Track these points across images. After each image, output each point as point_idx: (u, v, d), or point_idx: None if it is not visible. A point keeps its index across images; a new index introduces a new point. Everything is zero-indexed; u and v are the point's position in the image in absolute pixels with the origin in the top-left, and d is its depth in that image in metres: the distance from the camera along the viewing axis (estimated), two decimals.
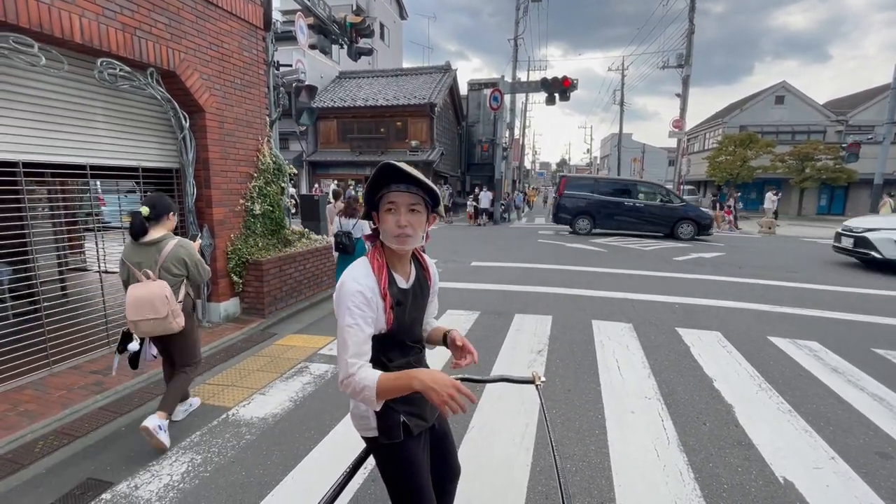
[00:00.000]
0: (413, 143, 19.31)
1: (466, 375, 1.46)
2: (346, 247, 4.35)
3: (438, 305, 1.58)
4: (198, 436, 2.79)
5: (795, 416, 3.03)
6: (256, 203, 5.21)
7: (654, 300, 6.03)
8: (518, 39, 20.56)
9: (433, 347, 1.52)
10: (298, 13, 6.97)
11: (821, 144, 23.21)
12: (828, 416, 3.05)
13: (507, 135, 22.79)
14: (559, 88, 14.07)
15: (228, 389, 3.43)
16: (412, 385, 1.13)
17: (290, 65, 7.66)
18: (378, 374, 1.17)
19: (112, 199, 6.94)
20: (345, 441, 2.72)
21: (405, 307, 1.30)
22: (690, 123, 32.31)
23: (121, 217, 4.37)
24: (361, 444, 1.41)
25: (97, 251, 4.10)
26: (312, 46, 7.70)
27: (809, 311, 5.58)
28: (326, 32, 7.53)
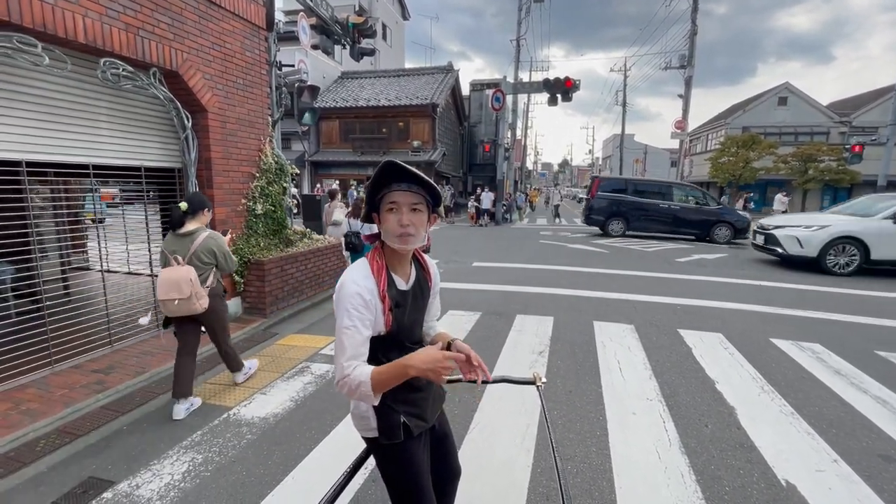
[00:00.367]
0: (415, 144, 19.32)
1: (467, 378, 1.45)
2: (356, 246, 4.56)
3: (440, 306, 1.57)
4: (199, 435, 2.80)
5: (798, 419, 3.01)
6: (258, 203, 5.21)
7: (656, 301, 6.01)
8: (520, 40, 20.56)
9: None
10: (301, 13, 6.98)
11: (824, 146, 23.13)
12: (830, 419, 3.03)
13: (509, 135, 22.79)
14: (561, 89, 14.07)
15: (229, 389, 3.43)
16: (407, 373, 1.14)
17: (293, 65, 7.68)
18: (370, 369, 1.17)
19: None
20: (345, 441, 2.72)
21: (405, 309, 1.30)
22: (693, 124, 32.24)
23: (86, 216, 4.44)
24: (362, 445, 1.41)
25: (100, 250, 4.11)
26: (315, 47, 7.71)
27: (812, 313, 5.56)
28: (329, 33, 7.54)
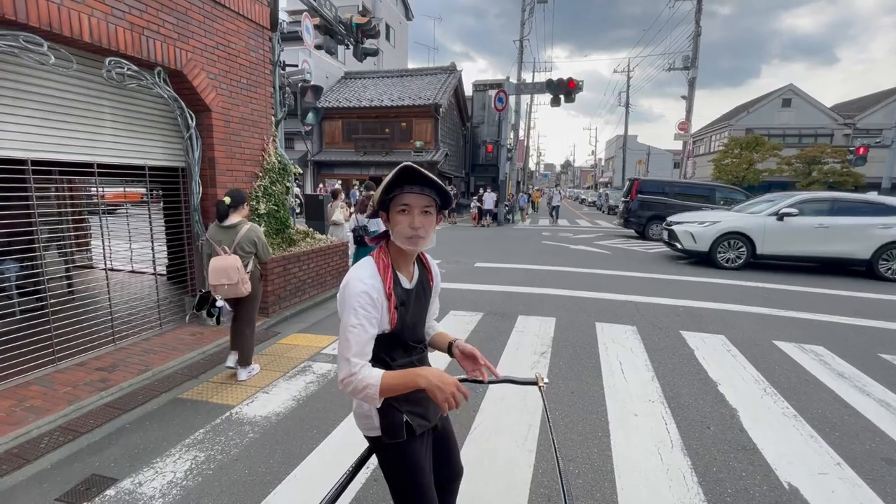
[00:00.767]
0: (417, 144, 19.34)
1: (470, 376, 1.45)
2: (363, 239, 4.70)
3: (442, 306, 1.58)
4: (201, 433, 2.81)
5: (801, 421, 3.00)
6: (261, 202, 5.22)
7: (659, 303, 6.00)
8: (523, 41, 20.55)
9: (433, 351, 1.53)
10: (305, 13, 7.00)
11: (828, 148, 23.05)
12: (834, 422, 3.02)
13: (512, 136, 22.79)
14: (564, 90, 14.06)
15: (232, 388, 3.44)
16: (418, 383, 1.15)
17: (296, 65, 7.69)
18: (381, 373, 1.17)
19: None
20: (347, 440, 2.73)
21: (408, 307, 1.30)
22: (696, 126, 32.16)
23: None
24: (364, 444, 1.41)
25: (104, 249, 4.13)
26: (318, 47, 7.73)
27: (815, 316, 5.54)
28: (332, 33, 7.56)
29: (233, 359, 3.64)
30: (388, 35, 29.07)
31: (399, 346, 1.31)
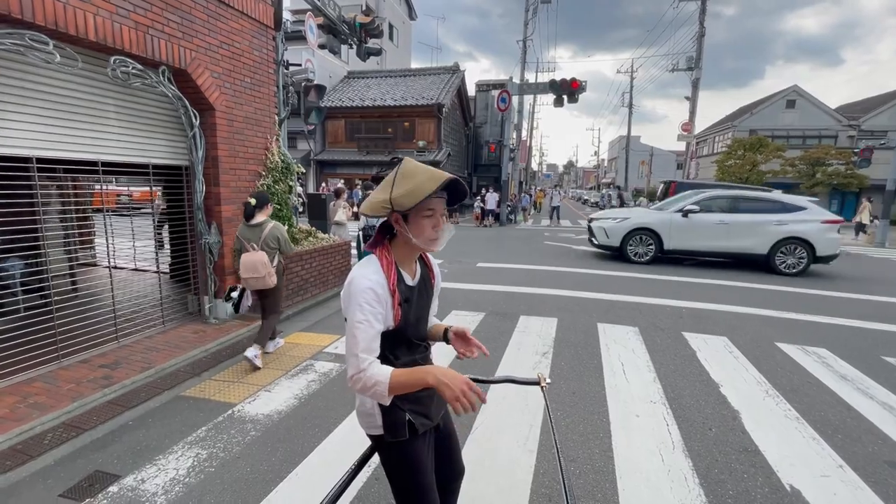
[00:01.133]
0: (420, 144, 19.34)
1: (472, 375, 1.45)
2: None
3: (443, 306, 1.59)
4: (203, 431, 2.82)
5: (803, 424, 3.00)
6: None
7: (661, 304, 5.99)
8: (527, 41, 20.54)
9: (433, 344, 1.53)
10: (308, 13, 7.02)
11: (832, 149, 22.97)
12: (836, 424, 3.01)
13: (515, 136, 22.77)
14: (567, 90, 14.03)
15: (234, 386, 3.46)
16: (426, 380, 1.14)
17: (300, 64, 7.71)
18: (390, 370, 1.18)
19: None
20: (349, 439, 2.73)
21: (412, 304, 1.31)
22: (700, 127, 32.08)
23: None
24: (366, 442, 1.41)
25: (107, 246, 4.15)
26: (322, 46, 7.74)
27: (818, 318, 5.52)
28: (336, 32, 7.57)
29: (253, 349, 3.80)
30: (392, 35, 29.08)
31: (403, 344, 1.32)
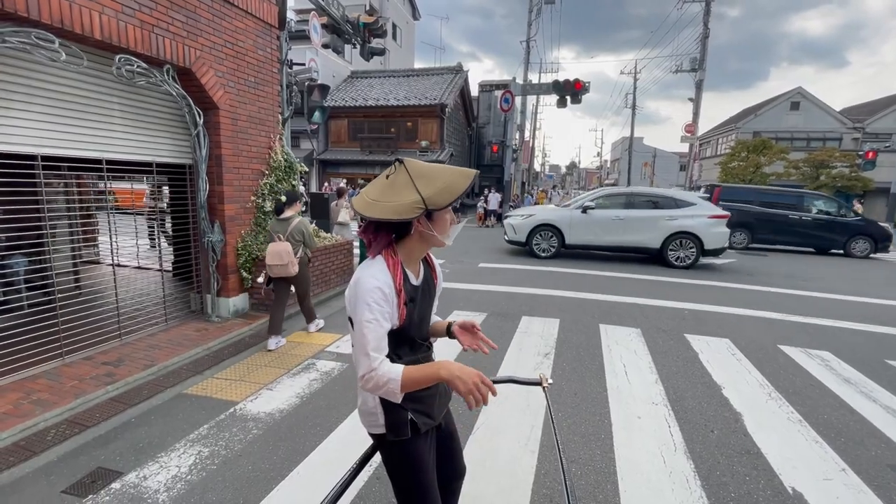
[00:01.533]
0: (423, 144, 19.35)
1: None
2: None
3: (445, 306, 1.60)
4: (205, 429, 2.83)
5: (806, 427, 2.99)
6: (267, 200, 5.25)
7: (663, 305, 5.98)
8: (530, 41, 20.53)
9: (436, 340, 1.54)
10: (312, 13, 7.03)
11: (836, 152, 22.85)
12: (839, 428, 3.00)
13: (517, 137, 22.76)
14: (571, 91, 14.01)
15: (236, 384, 3.47)
16: (439, 374, 1.16)
17: (304, 63, 7.72)
18: (402, 367, 1.18)
19: None
20: (350, 438, 2.74)
21: (416, 303, 1.32)
22: (703, 128, 32.03)
23: None
24: (367, 441, 1.41)
25: (111, 244, 4.17)
26: (325, 46, 7.76)
27: (822, 321, 5.50)
28: (340, 32, 7.59)
29: (314, 325, 4.68)
30: (395, 35, 29.09)
31: (406, 343, 1.32)
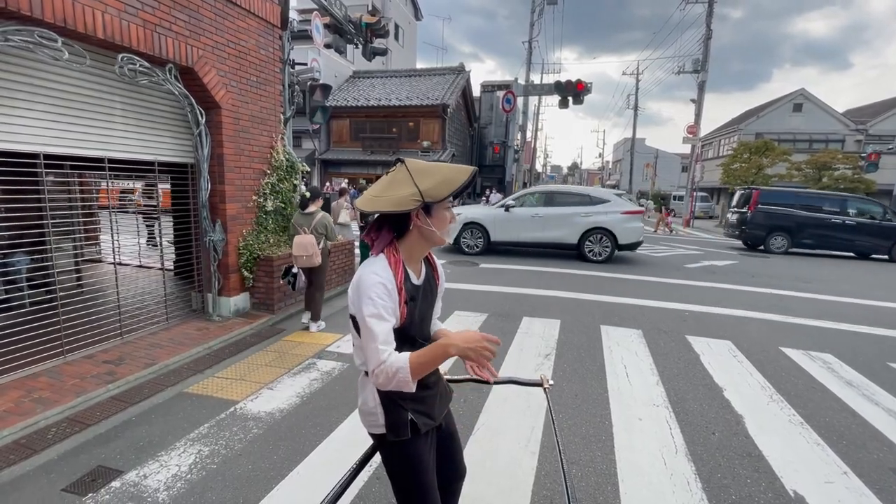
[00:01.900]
0: (425, 144, 19.35)
1: (475, 376, 1.45)
2: None
3: (446, 307, 1.60)
4: (206, 428, 2.83)
5: (807, 429, 2.97)
6: (269, 200, 5.26)
7: (664, 307, 5.97)
8: (532, 42, 20.53)
9: None
10: (315, 12, 7.03)
11: (839, 153, 22.78)
12: (841, 430, 2.99)
13: (519, 137, 22.76)
14: (573, 92, 14.01)
15: (237, 383, 3.47)
16: (448, 352, 1.19)
17: (306, 63, 7.73)
18: (408, 354, 1.18)
19: None
20: (351, 438, 2.73)
21: (417, 303, 1.31)
22: (705, 129, 31.91)
23: None
24: (367, 442, 1.41)
25: (112, 243, 4.17)
26: (328, 46, 7.76)
27: (824, 323, 5.48)
28: (342, 32, 7.59)
29: (306, 317, 4.78)
30: (397, 35, 29.11)
31: (407, 343, 1.31)
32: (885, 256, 12.20)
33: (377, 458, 1.41)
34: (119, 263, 4.29)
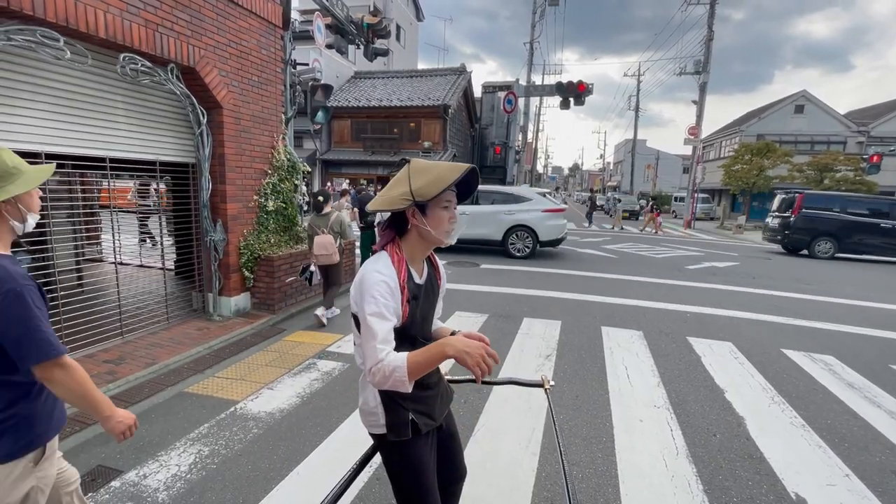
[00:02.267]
0: (426, 144, 19.35)
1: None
2: (372, 223, 5.55)
3: (447, 307, 1.59)
4: (206, 428, 2.82)
5: (809, 431, 2.96)
6: (270, 200, 5.26)
7: (666, 308, 5.95)
8: (534, 43, 20.54)
9: None
10: (316, 13, 7.04)
11: (841, 155, 22.75)
12: (843, 433, 2.98)
13: (520, 138, 22.75)
14: (574, 93, 14.00)
15: (237, 383, 3.46)
16: (445, 353, 1.15)
17: (307, 63, 7.74)
18: (405, 354, 1.16)
19: None
20: (351, 438, 2.73)
21: (419, 302, 1.31)
22: (707, 131, 31.85)
23: None
24: (368, 442, 1.40)
25: (114, 243, 4.17)
26: (329, 46, 7.78)
27: (825, 325, 5.46)
28: (343, 32, 7.59)
29: (321, 310, 4.96)
30: (399, 35, 29.13)
31: (408, 342, 1.31)
32: None
33: (377, 459, 1.41)
34: (120, 263, 4.28)
